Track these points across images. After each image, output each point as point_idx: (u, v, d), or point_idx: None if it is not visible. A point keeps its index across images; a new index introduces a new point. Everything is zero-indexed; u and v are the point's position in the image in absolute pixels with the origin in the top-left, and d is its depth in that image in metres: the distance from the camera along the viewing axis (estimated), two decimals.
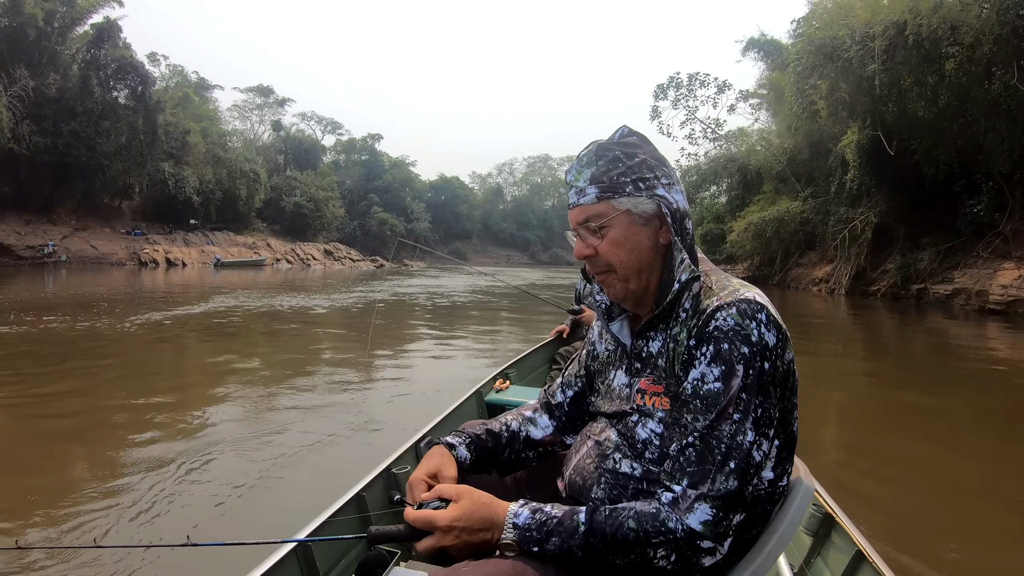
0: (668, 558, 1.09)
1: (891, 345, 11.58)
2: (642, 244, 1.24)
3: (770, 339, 1.12)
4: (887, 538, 2.98)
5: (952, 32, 16.73)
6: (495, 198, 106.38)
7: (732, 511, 1.09)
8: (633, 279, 1.26)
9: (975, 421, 5.88)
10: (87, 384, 6.22)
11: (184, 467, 3.81)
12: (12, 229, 33.21)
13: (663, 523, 1.09)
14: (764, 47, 37.99)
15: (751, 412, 1.10)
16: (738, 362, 1.10)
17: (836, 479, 3.77)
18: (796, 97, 24.28)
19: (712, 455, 1.09)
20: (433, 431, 2.91)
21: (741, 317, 1.12)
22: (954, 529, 3.35)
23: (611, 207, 1.23)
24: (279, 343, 9.38)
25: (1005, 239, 17.25)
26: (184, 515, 3.20)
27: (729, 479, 1.08)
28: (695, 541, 1.08)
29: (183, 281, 24.65)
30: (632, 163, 1.23)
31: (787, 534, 1.17)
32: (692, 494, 1.09)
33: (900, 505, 3.65)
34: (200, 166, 45.26)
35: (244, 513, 3.30)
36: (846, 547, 2.01)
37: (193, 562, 2.72)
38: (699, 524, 1.08)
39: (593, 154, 1.26)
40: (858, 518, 2.13)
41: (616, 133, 1.31)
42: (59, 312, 11.45)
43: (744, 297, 1.16)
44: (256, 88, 70.07)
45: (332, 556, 1.99)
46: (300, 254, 53.08)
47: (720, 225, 36.25)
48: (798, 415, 1.21)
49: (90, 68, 35.98)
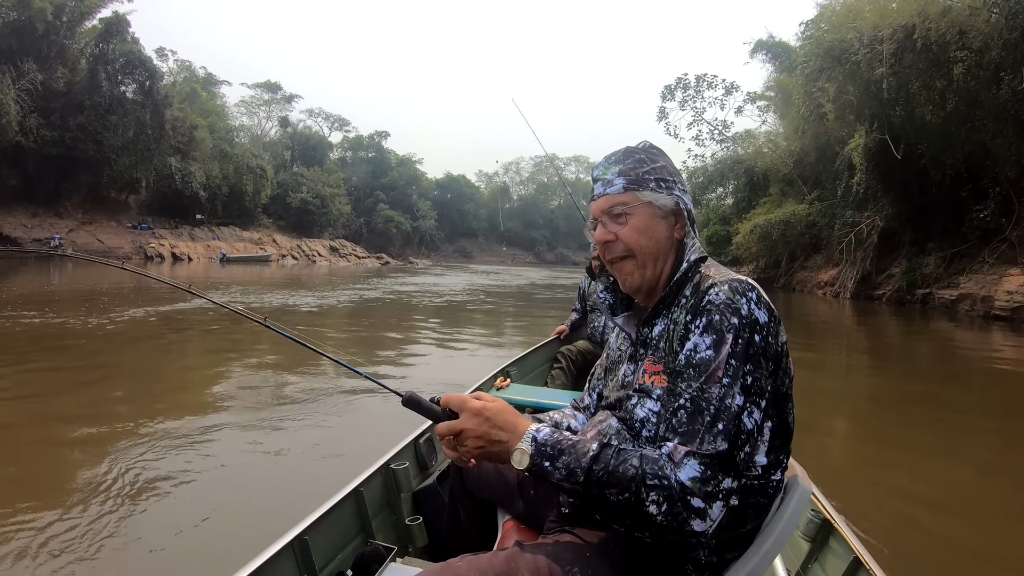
0: (659, 505, 1.10)
1: (896, 350, 11.54)
2: (660, 234, 1.37)
3: (761, 316, 1.19)
4: (885, 545, 2.96)
5: (961, 36, 16.64)
6: (501, 197, 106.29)
7: (721, 471, 1.10)
8: (650, 265, 1.37)
9: (980, 427, 5.84)
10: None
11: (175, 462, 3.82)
12: (19, 222, 33.40)
13: (662, 468, 1.11)
14: (772, 49, 37.91)
15: (739, 378, 1.14)
16: (728, 331, 1.17)
17: (835, 485, 3.75)
18: (803, 100, 24.24)
19: (702, 416, 1.13)
20: (432, 427, 2.89)
21: (732, 292, 1.20)
22: (955, 537, 3.34)
23: (636, 197, 1.36)
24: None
25: (1011, 245, 17.15)
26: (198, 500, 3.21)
27: (717, 439, 1.11)
28: (685, 495, 1.09)
29: (188, 276, 24.72)
30: (655, 165, 1.39)
31: (784, 535, 1.19)
32: (682, 450, 1.12)
33: (899, 512, 3.63)
34: (207, 161, 45.47)
35: (242, 508, 3.31)
36: (844, 554, 2.01)
37: (189, 557, 2.72)
38: (688, 480, 1.09)
39: (622, 154, 1.41)
40: (856, 524, 2.12)
41: (640, 144, 1.46)
42: (68, 306, 11.50)
43: (735, 277, 1.25)
44: (264, 84, 70.36)
45: (328, 551, 2.00)
46: (306, 250, 53.23)
47: (726, 227, 36.18)
48: (794, 412, 1.25)
49: (98, 62, 36.20)
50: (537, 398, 3.67)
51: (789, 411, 1.24)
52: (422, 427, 2.80)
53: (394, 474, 2.44)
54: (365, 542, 2.15)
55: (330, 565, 1.99)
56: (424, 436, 2.77)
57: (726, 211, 38.17)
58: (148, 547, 2.79)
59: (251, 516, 3.21)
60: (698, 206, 40.21)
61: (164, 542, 2.82)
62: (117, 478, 3.52)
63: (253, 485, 3.62)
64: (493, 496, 1.80)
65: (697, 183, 38.56)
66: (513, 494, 1.70)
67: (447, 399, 1.28)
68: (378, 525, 2.31)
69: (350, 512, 2.20)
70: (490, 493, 1.80)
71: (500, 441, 1.22)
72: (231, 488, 3.55)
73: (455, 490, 1.94)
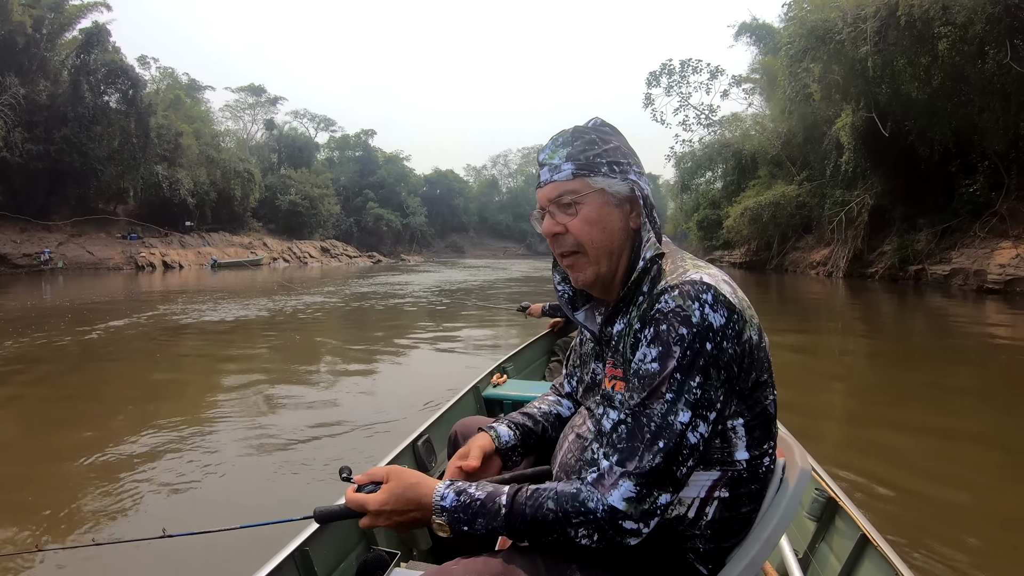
0: (591, 537, 1.08)
1: (890, 325, 11.62)
2: (614, 225, 1.24)
3: (716, 320, 1.09)
4: (892, 522, 2.99)
5: (944, 12, 16.68)
6: (490, 190, 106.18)
7: (656, 489, 1.07)
8: (604, 261, 1.26)
9: (978, 400, 5.90)
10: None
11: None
12: (8, 238, 33.08)
13: (583, 503, 1.09)
14: (756, 31, 38.02)
15: (685, 393, 1.07)
16: (675, 343, 1.09)
17: (838, 463, 3.78)
18: (789, 81, 24.28)
19: (641, 433, 1.09)
20: (430, 429, 2.87)
21: (682, 299, 1.10)
22: (960, 512, 3.36)
23: (586, 184, 1.22)
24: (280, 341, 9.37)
25: (1002, 218, 17.26)
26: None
27: (656, 457, 1.07)
28: (616, 520, 1.07)
29: (180, 284, 24.61)
30: (607, 147, 1.25)
31: (786, 518, 1.16)
32: (618, 471, 1.09)
33: (904, 487, 3.65)
34: (194, 167, 45.10)
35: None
36: (850, 532, 2.00)
37: (190, 572, 2.71)
38: (621, 501, 1.07)
39: (569, 135, 1.27)
40: (861, 502, 2.12)
41: (590, 122, 1.32)
42: (62, 320, 11.45)
43: (689, 279, 1.13)
44: (248, 87, 69.88)
45: (331, 560, 1.96)
46: (297, 252, 53.03)
47: (716, 211, 36.36)
48: (774, 394, 1.19)
49: (80, 73, 35.77)
50: (535, 393, 3.55)
51: (767, 399, 1.17)
52: (420, 429, 2.78)
53: None
54: (368, 548, 2.10)
55: (333, 575, 1.97)
56: (422, 438, 2.74)
57: (716, 195, 38.33)
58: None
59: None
60: (688, 191, 40.41)
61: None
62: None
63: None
64: None
65: (686, 168, 38.72)
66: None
67: (349, 500, 1.25)
68: (380, 531, 2.24)
69: (351, 519, 2.18)
70: None
71: (415, 520, 1.20)
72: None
73: None
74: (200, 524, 1.50)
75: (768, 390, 1.17)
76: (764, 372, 1.16)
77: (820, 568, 2.12)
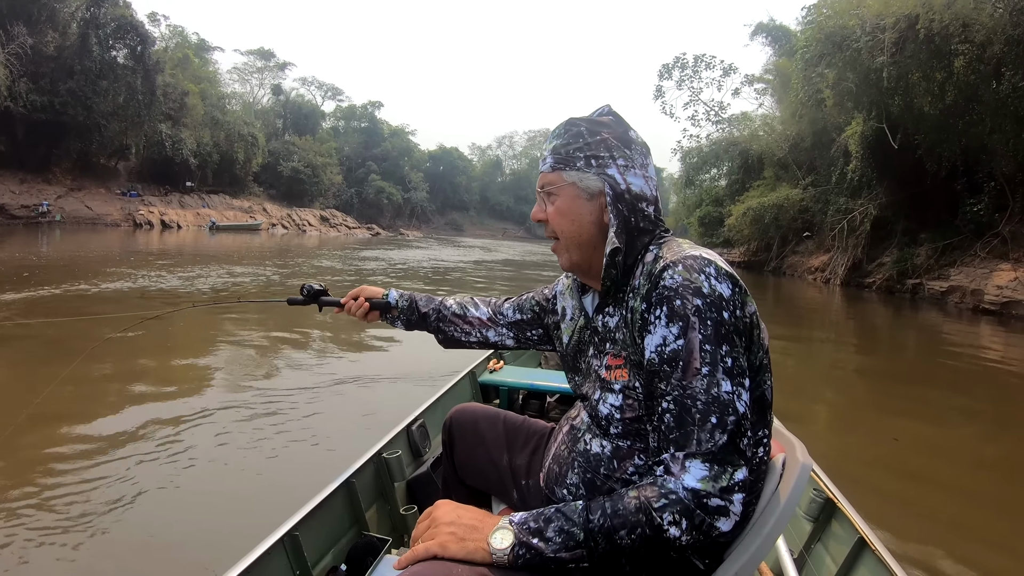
0: (679, 523, 1.02)
1: (884, 338, 11.67)
2: (584, 218, 1.27)
3: (724, 290, 1.09)
4: (889, 525, 3.04)
5: (963, 29, 16.56)
6: (494, 171, 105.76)
7: (729, 464, 1.04)
8: (575, 251, 1.30)
9: (969, 413, 6.00)
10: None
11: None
12: (7, 188, 32.88)
13: (662, 486, 1.04)
14: (773, 32, 37.73)
15: (720, 363, 1.06)
16: (693, 314, 1.07)
17: (835, 464, 3.82)
18: (802, 84, 24.08)
19: (691, 415, 1.05)
20: (425, 413, 2.87)
21: (688, 272, 1.10)
22: (955, 517, 3.42)
23: (561, 177, 1.27)
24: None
25: (1004, 240, 17.28)
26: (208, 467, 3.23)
27: (714, 434, 1.03)
28: (701, 500, 1.02)
29: (178, 244, 24.52)
30: (591, 140, 1.27)
31: (785, 514, 1.12)
32: (680, 455, 1.05)
33: (900, 491, 3.71)
34: (198, 128, 44.83)
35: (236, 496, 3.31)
36: (847, 533, 2.00)
37: (181, 554, 2.71)
38: (697, 481, 1.02)
39: (562, 127, 1.31)
40: (858, 504, 2.13)
41: (595, 111, 1.35)
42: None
43: (689, 254, 1.14)
44: (257, 51, 69.37)
45: (321, 546, 1.96)
46: (296, 220, 52.95)
47: (719, 209, 36.26)
48: (771, 380, 1.17)
49: (89, 27, 35.29)
50: (531, 380, 3.62)
51: (766, 383, 1.15)
52: (414, 413, 2.78)
53: (387, 463, 2.40)
54: (359, 534, 2.10)
55: (323, 560, 1.96)
56: (417, 423, 2.74)
57: (719, 193, 38.20)
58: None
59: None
60: (691, 186, 40.25)
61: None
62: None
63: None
64: (487, 484, 1.77)
65: (691, 163, 38.54)
66: (507, 483, 1.68)
67: (409, 557, 1.13)
68: (371, 516, 2.27)
69: (342, 504, 2.16)
70: (484, 481, 1.77)
71: (474, 527, 1.12)
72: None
73: (447, 478, 1.87)
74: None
75: (766, 374, 1.16)
76: (764, 354, 1.15)
77: (816, 569, 2.11)
